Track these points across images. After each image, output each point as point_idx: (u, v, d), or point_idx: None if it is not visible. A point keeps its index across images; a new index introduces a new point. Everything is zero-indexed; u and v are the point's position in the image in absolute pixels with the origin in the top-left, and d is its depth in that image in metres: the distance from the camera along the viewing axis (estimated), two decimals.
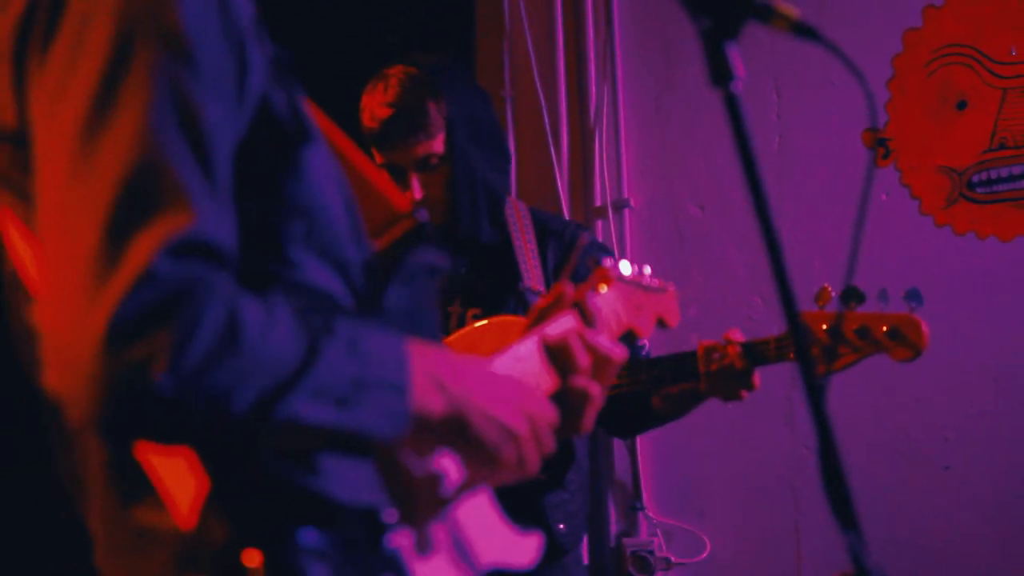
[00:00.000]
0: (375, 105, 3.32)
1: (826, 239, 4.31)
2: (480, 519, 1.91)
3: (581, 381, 2.02)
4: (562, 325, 2.09)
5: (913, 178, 4.36)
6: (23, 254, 1.61)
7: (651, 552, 4.60)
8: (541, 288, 3.38)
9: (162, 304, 1.35)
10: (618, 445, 4.65)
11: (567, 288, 2.15)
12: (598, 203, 4.69)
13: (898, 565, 4.25)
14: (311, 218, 1.61)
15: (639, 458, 4.62)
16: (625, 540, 4.63)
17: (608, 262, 2.39)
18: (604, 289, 2.22)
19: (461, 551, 1.84)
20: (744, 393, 3.12)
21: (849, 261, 1.79)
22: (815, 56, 4.34)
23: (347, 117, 3.45)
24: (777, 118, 4.51)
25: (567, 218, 4.48)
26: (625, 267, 2.35)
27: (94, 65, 1.42)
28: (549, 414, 1.83)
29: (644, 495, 4.62)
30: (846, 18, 4.42)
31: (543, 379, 2.01)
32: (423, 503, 1.74)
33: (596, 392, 2.01)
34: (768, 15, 1.59)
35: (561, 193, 4.68)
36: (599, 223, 4.68)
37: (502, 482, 1.82)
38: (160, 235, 1.36)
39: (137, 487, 1.55)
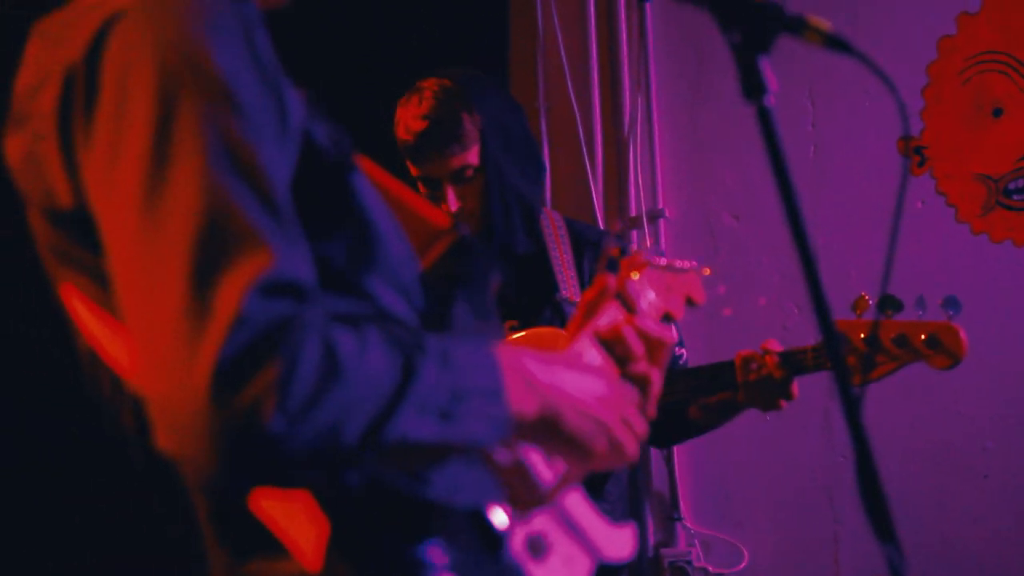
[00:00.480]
0: (410, 118, 3.33)
1: (862, 248, 4.31)
2: (583, 515, 1.93)
3: (640, 367, 2.03)
4: (610, 316, 2.11)
5: (949, 186, 4.35)
6: (93, 328, 1.62)
7: (689, 563, 4.59)
8: (578, 299, 3.38)
9: (260, 345, 1.34)
10: (655, 456, 4.65)
11: (609, 279, 2.17)
12: (633, 213, 4.70)
13: (936, 574, 4.24)
14: (373, 246, 1.61)
15: (676, 469, 4.62)
16: (663, 551, 4.63)
17: (635, 248, 2.40)
18: (636, 276, 2.25)
19: (573, 548, 1.86)
20: (783, 403, 3.12)
21: (885, 270, 1.79)
22: (849, 65, 4.32)
23: (383, 130, 3.47)
24: (812, 127, 4.51)
25: (602, 228, 4.49)
26: (649, 252, 2.38)
27: (141, 128, 1.43)
28: (633, 396, 1.85)
29: (682, 506, 4.62)
30: (880, 26, 4.41)
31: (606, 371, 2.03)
32: (523, 499, 1.76)
33: (656, 377, 2.03)
34: (800, 28, 1.60)
35: (596, 203, 4.69)
36: (634, 233, 4.69)
37: (602, 470, 1.82)
38: (244, 278, 1.36)
39: (249, 538, 1.56)
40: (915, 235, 4.27)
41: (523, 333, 3.20)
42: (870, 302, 3.01)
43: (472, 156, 3.31)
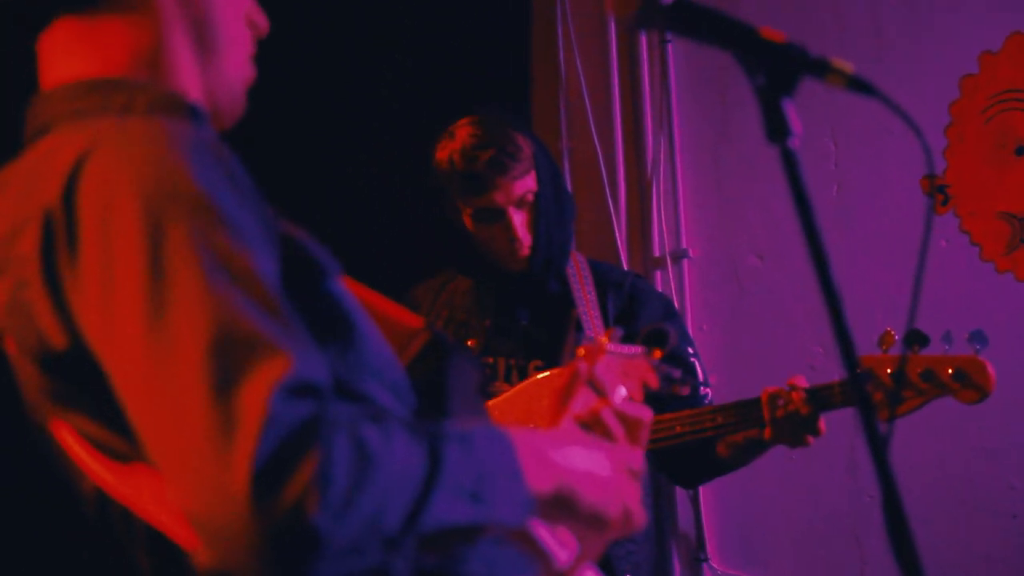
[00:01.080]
0: (467, 148, 3.30)
1: (887, 286, 4.31)
2: None
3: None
4: (586, 401, 2.14)
5: (972, 224, 4.35)
6: (95, 467, 1.61)
7: None
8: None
9: (293, 444, 1.34)
10: (681, 496, 4.64)
11: (581, 365, 2.19)
12: (656, 253, 4.70)
13: None
14: (362, 349, 1.61)
15: (702, 508, 4.61)
16: None
17: (589, 338, 2.42)
18: (598, 362, 2.28)
19: None
20: (810, 439, 3.12)
21: (911, 307, 1.80)
22: (872, 104, 4.33)
23: (406, 173, 3.47)
24: (835, 166, 4.51)
25: (626, 268, 4.50)
26: (604, 340, 2.41)
27: (132, 258, 1.43)
28: (637, 459, 1.87)
29: (708, 546, 4.61)
30: (903, 66, 4.42)
31: None
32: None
33: (638, 455, 2.05)
34: (823, 71, 1.61)
35: (619, 243, 4.70)
36: (658, 273, 4.69)
37: (612, 540, 1.85)
38: (265, 382, 1.35)
39: None
40: (939, 273, 4.27)
41: (547, 373, 3.21)
42: (896, 337, 3.01)
43: (532, 180, 3.31)
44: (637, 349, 2.49)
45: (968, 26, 4.39)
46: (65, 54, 1.73)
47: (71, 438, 1.62)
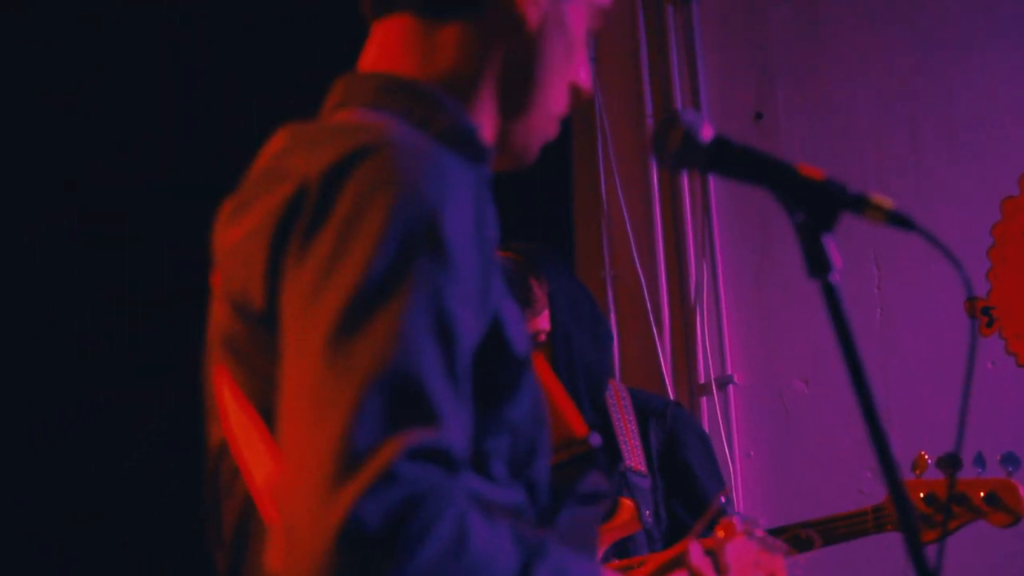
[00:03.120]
0: None
1: (934, 410, 4.28)
2: None
3: None
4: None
5: (1019, 346, 4.34)
6: (235, 420, 1.63)
7: None
8: (643, 468, 3.38)
9: (400, 506, 1.35)
10: None
11: (693, 547, 2.17)
12: (701, 380, 4.70)
13: None
14: (516, 437, 1.62)
15: None
16: None
17: (735, 518, 2.40)
18: (729, 542, 2.25)
19: None
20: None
21: (958, 432, 1.80)
22: None
23: None
24: (878, 290, 4.52)
25: (671, 396, 4.50)
26: (744, 522, 2.38)
27: (359, 265, 1.44)
28: None
29: None
30: (944, 189, 4.44)
31: None
32: None
33: None
34: (863, 207, 1.63)
35: (664, 371, 4.70)
36: (703, 400, 4.69)
37: None
38: (406, 439, 1.37)
39: None
40: (987, 395, 4.25)
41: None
42: (929, 461, 2.99)
43: (543, 321, 3.34)
44: (781, 545, 2.46)
45: (1007, 148, 4.42)
46: (393, 46, 1.73)
47: (226, 385, 1.64)
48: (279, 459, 1.45)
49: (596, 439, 1.91)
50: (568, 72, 1.76)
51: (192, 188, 4.22)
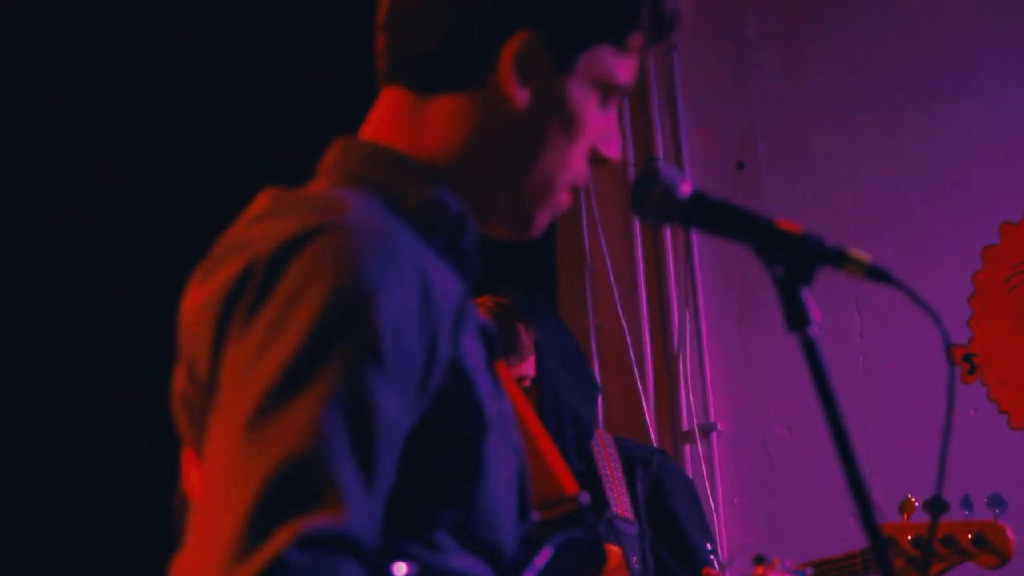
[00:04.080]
0: None
1: (916, 456, 4.30)
2: None
3: None
4: None
5: (1000, 393, 4.36)
6: (195, 487, 1.67)
7: None
8: (630, 515, 3.39)
9: None
10: None
11: None
12: (685, 427, 4.71)
13: None
14: (469, 511, 1.61)
15: None
16: None
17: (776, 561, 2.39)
18: None
19: None
20: None
21: (938, 477, 1.82)
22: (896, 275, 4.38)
23: None
24: (860, 338, 4.53)
25: (654, 444, 4.51)
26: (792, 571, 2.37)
27: (286, 351, 1.46)
28: None
29: None
30: (925, 238, 4.47)
31: None
32: None
33: None
34: (841, 261, 1.65)
35: (648, 419, 4.71)
36: (687, 447, 4.70)
37: None
38: (303, 527, 1.38)
39: None
40: (969, 442, 4.26)
41: None
42: (916, 504, 3.01)
43: (528, 367, 3.35)
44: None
45: (988, 197, 4.45)
46: (388, 116, 1.74)
47: (191, 463, 1.68)
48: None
49: (585, 497, 1.90)
50: (571, 146, 1.73)
51: (192, 188, 4.24)
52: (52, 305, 4.25)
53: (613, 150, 1.80)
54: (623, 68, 1.77)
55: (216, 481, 1.44)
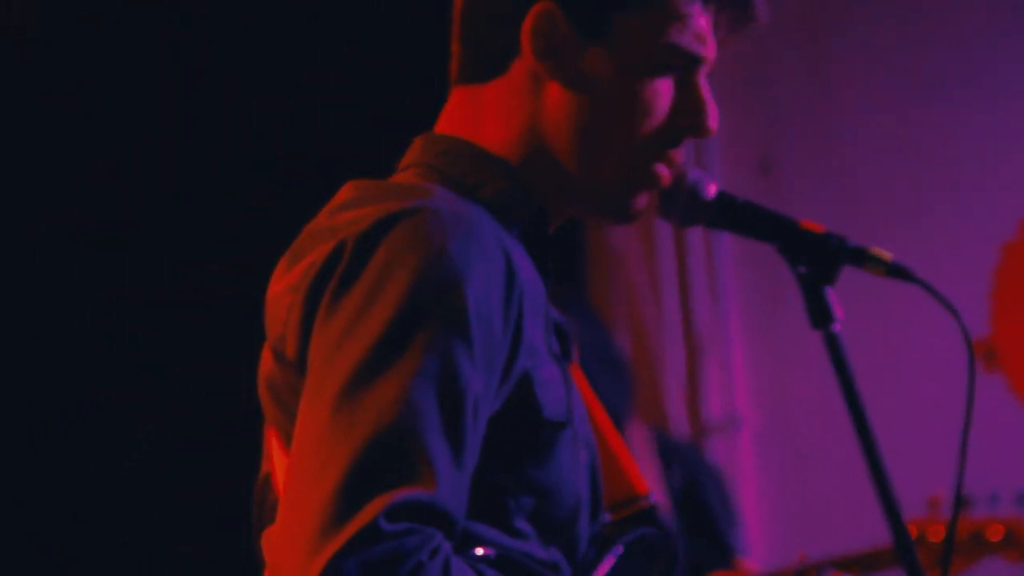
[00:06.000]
0: None
1: (941, 451, 4.31)
2: None
3: None
4: None
5: (1020, 384, 4.39)
6: (276, 458, 1.70)
7: None
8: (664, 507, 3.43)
9: (381, 562, 1.41)
10: None
11: None
12: (712, 422, 4.69)
13: None
14: (545, 498, 1.64)
15: None
16: None
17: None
18: None
19: None
20: None
21: (959, 471, 1.86)
22: (915, 267, 4.40)
23: None
24: (884, 334, 4.55)
25: (683, 438, 4.52)
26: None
27: (377, 326, 1.50)
28: None
29: None
30: (946, 235, 4.49)
31: None
32: None
33: None
34: (863, 259, 1.70)
35: (675, 413, 4.69)
36: (714, 442, 4.69)
37: None
38: (395, 498, 1.43)
39: None
40: (990, 434, 4.28)
41: None
42: (942, 500, 3.04)
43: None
44: None
45: (1007, 192, 4.48)
46: (456, 111, 1.77)
47: (275, 437, 1.71)
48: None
49: (656, 496, 1.92)
50: (632, 119, 1.70)
51: (192, 188, 4.26)
52: (52, 305, 4.26)
53: (702, 120, 1.74)
54: (678, 32, 1.71)
55: (308, 454, 1.48)
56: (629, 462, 1.83)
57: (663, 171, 1.73)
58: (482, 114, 1.73)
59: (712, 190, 1.74)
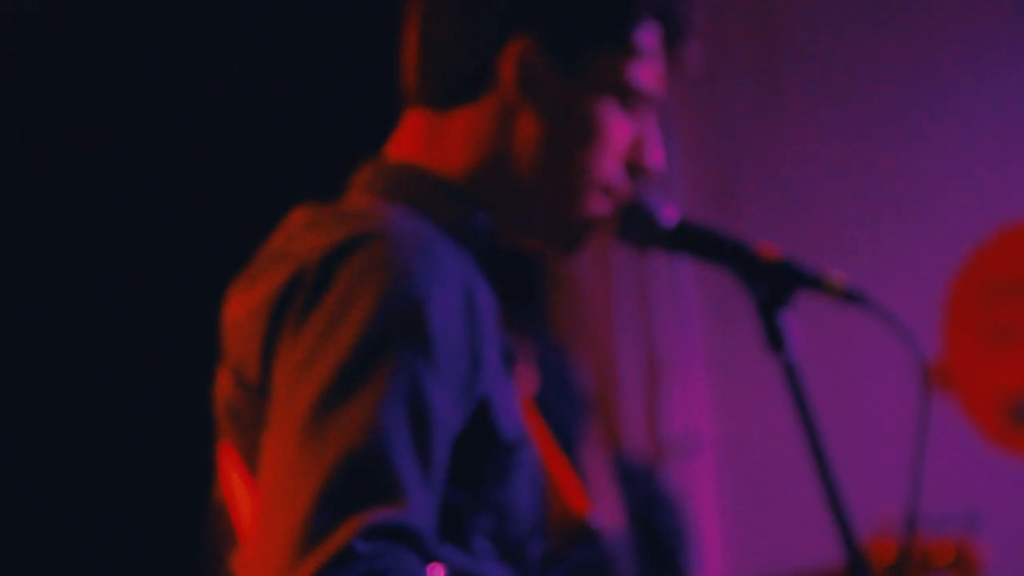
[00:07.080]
0: None
1: (892, 472, 4.34)
2: None
3: None
4: None
5: (972, 406, 4.42)
6: (235, 489, 1.70)
7: None
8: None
9: None
10: None
11: None
12: (671, 442, 4.69)
13: None
14: (503, 518, 1.66)
15: None
16: None
17: None
18: None
19: None
20: None
21: (911, 492, 1.89)
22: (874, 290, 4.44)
23: None
24: (838, 356, 4.59)
25: (640, 459, 4.54)
26: None
27: (342, 350, 1.50)
28: None
29: None
30: (900, 255, 4.53)
31: None
32: None
33: None
34: (818, 285, 1.73)
35: (633, 433, 4.71)
36: (673, 462, 4.70)
37: None
38: (368, 519, 1.43)
39: None
40: (940, 456, 4.31)
41: None
42: (893, 522, 3.06)
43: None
44: None
45: (961, 214, 4.53)
46: (411, 136, 1.77)
47: (230, 458, 1.71)
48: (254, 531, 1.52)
49: (596, 522, 1.95)
50: (591, 154, 1.73)
51: (192, 188, 4.25)
52: (52, 305, 4.26)
53: (651, 158, 1.78)
54: (640, 71, 1.75)
55: (278, 478, 1.49)
56: (572, 485, 1.85)
57: (611, 206, 1.78)
58: (443, 141, 1.74)
59: (670, 214, 1.76)
